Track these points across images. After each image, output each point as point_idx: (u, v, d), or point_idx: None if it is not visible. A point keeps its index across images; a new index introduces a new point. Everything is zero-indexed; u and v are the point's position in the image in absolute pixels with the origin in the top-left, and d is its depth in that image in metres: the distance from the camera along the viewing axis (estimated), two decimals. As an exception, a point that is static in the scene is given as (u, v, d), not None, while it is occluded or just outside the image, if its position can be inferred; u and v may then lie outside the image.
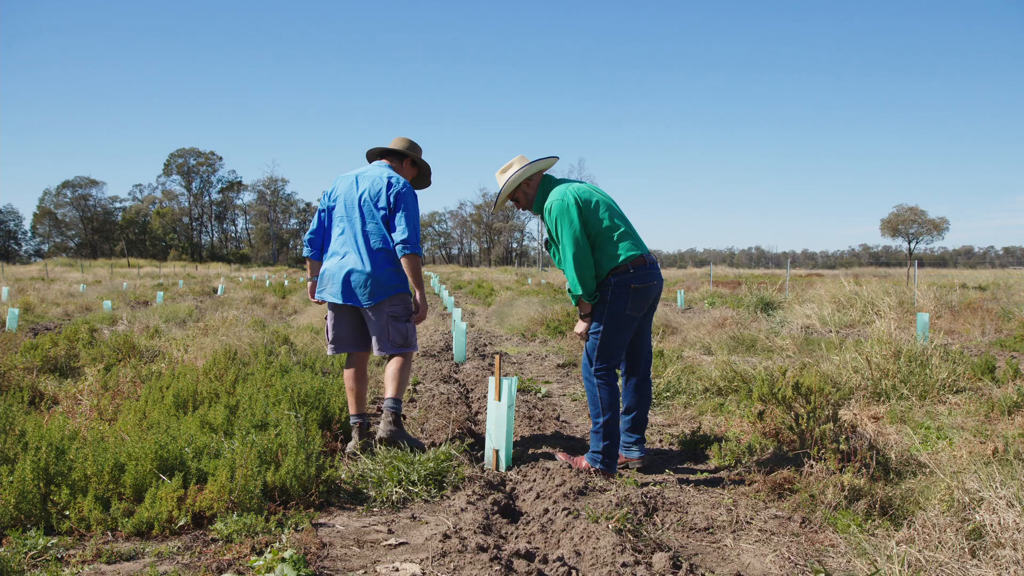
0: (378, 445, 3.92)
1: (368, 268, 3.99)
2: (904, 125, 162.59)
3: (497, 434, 3.86)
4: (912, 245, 50.37)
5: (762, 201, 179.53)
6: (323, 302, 4.16)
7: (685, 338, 9.73)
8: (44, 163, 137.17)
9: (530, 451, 4.22)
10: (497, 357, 3.87)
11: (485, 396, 5.91)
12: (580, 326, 3.89)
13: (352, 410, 4.10)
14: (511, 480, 3.72)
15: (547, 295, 17.36)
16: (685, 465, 4.13)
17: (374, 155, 4.39)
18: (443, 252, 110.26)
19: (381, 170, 4.15)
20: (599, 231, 3.72)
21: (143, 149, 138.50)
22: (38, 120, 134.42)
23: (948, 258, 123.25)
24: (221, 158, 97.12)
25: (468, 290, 25.64)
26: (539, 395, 6.16)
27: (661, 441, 4.60)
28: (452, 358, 8.24)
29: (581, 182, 3.89)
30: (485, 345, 9.97)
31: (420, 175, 4.48)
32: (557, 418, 5.27)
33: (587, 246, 3.68)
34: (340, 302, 4.03)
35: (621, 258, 3.69)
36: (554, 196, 3.77)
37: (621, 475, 3.89)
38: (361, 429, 4.06)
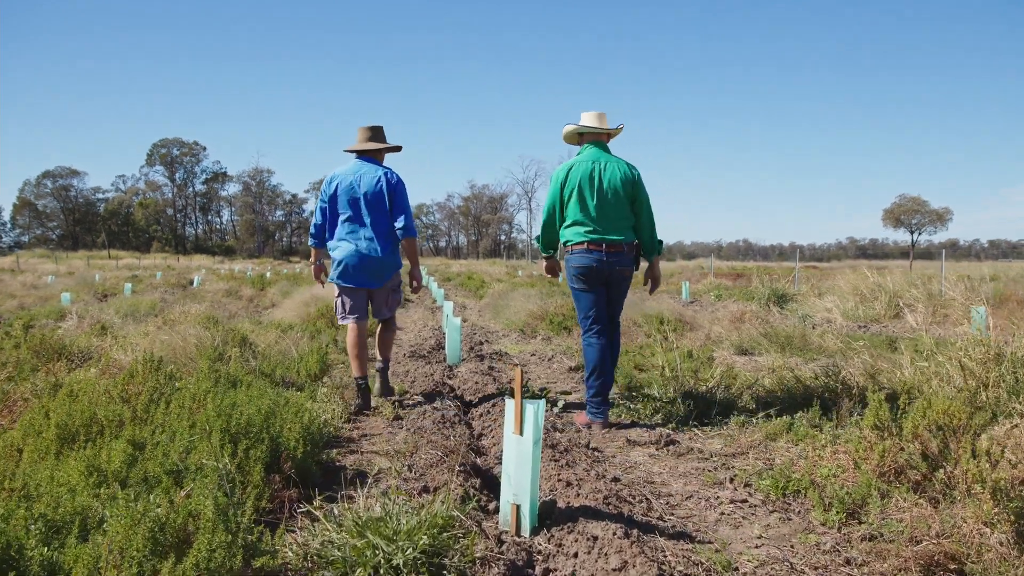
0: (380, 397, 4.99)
1: (379, 255, 4.79)
2: (891, 120, 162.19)
3: (518, 482, 2.68)
4: (915, 236, 49.44)
5: (746, 195, 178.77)
6: (332, 282, 4.95)
7: (708, 334, 8.59)
8: (24, 153, 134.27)
9: (561, 502, 2.99)
10: (518, 371, 2.68)
11: (488, 412, 4.70)
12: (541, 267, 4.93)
13: (357, 373, 4.77)
14: (541, 553, 2.54)
15: (543, 286, 16.11)
16: (777, 523, 2.96)
17: (354, 150, 4.94)
18: (431, 244, 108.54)
19: (375, 169, 4.85)
20: (566, 212, 4.52)
21: (126, 139, 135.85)
22: (18, 111, 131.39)
23: (934, 251, 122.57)
24: (205, 148, 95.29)
25: (458, 282, 24.37)
26: (556, 410, 4.93)
27: (733, 481, 3.42)
28: (444, 359, 7.05)
29: (600, 159, 4.51)
30: (481, 343, 8.76)
31: (390, 148, 5.03)
32: (587, 445, 4.04)
33: (555, 214, 4.58)
34: (355, 286, 4.83)
35: (569, 242, 4.51)
36: (567, 163, 4.58)
37: (707, 545, 2.71)
38: (362, 391, 4.71)
